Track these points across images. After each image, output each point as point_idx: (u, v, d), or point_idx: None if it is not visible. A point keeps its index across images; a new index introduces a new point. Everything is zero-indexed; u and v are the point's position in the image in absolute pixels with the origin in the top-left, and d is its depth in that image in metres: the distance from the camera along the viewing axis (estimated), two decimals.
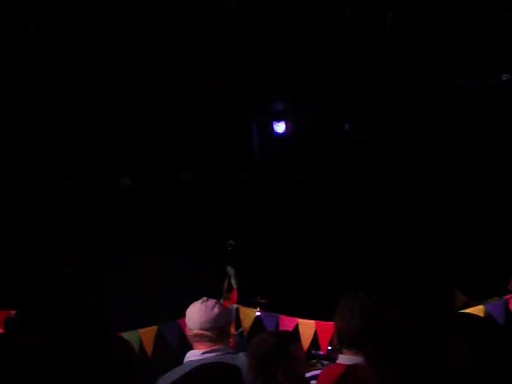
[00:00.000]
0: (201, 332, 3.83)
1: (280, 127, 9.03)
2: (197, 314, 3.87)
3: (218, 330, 3.84)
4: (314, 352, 6.76)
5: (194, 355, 3.85)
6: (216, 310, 3.92)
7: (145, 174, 9.09)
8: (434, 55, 6.72)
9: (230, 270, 6.75)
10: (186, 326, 4.04)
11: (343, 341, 3.66)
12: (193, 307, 3.96)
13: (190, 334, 3.90)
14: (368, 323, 3.50)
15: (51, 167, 8.67)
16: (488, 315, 5.43)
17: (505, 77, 6.67)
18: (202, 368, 2.50)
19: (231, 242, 7.04)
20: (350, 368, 3.56)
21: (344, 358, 3.66)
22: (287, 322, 6.15)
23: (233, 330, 6.30)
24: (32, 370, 1.73)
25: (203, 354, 3.81)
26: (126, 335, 5.58)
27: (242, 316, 6.43)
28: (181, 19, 6.87)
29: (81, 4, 6.58)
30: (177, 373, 3.40)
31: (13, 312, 6.12)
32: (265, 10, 6.83)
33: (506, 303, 5.65)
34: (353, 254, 8.66)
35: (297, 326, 6.08)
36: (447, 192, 8.65)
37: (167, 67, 7.92)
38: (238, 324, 6.38)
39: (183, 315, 4.15)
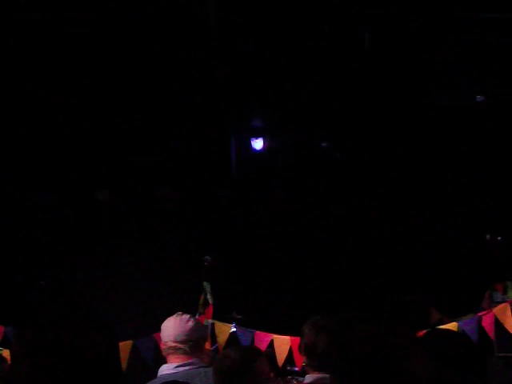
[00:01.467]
0: (175, 344, 3.84)
1: (258, 144, 9.08)
2: (172, 327, 3.89)
3: (192, 344, 3.86)
4: (289, 368, 6.77)
5: (167, 369, 3.85)
6: (190, 323, 3.94)
7: (122, 188, 9.08)
8: (410, 75, 6.81)
9: (206, 285, 6.77)
10: (161, 340, 4.05)
11: (309, 359, 3.67)
12: (168, 321, 3.98)
13: (164, 346, 3.91)
14: (332, 341, 3.52)
15: (29, 180, 8.65)
16: (461, 332, 5.48)
17: (479, 98, 6.79)
18: None
19: (207, 257, 7.06)
20: None
21: (308, 377, 3.67)
22: (262, 338, 6.18)
23: (208, 346, 6.32)
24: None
25: (176, 367, 3.81)
26: None
27: (217, 331, 6.44)
28: (160, 34, 6.90)
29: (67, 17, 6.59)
30: None
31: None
32: (244, 26, 6.89)
33: (480, 320, 5.71)
34: (329, 270, 8.70)
35: (272, 342, 6.10)
36: (423, 209, 8.73)
37: (146, 85, 7.94)
38: (214, 339, 6.39)
39: (158, 330, 4.17)
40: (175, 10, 6.33)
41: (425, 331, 3.11)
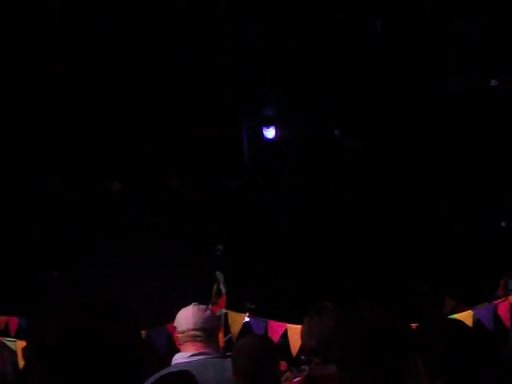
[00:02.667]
0: (193, 332, 3.84)
1: (270, 133, 9.02)
2: (190, 315, 3.89)
3: (208, 332, 3.86)
4: (303, 358, 6.73)
5: (180, 357, 3.83)
6: (208, 312, 4.00)
7: (134, 178, 9.07)
8: (423, 60, 6.73)
9: (219, 275, 6.72)
10: (174, 330, 4.04)
11: (310, 350, 3.66)
12: (185, 309, 3.98)
13: (181, 335, 3.89)
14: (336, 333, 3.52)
15: (41, 170, 8.66)
16: (477, 320, 5.42)
17: (493, 82, 6.69)
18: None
19: (220, 247, 7.02)
20: (307, 379, 3.58)
21: (309, 369, 3.68)
22: (276, 328, 6.13)
23: (221, 336, 6.29)
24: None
25: (190, 356, 3.79)
26: None
27: (230, 321, 6.40)
28: (170, 26, 6.87)
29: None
30: (156, 376, 3.39)
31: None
32: (254, 14, 6.84)
33: (495, 308, 5.64)
34: (343, 258, 8.65)
35: (285, 332, 6.06)
36: (438, 197, 8.65)
37: (157, 73, 7.92)
38: (227, 330, 6.35)
39: (171, 320, 4.15)
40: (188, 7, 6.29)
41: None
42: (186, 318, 3.90)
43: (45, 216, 8.76)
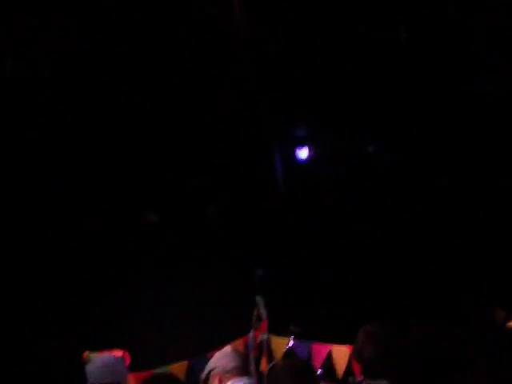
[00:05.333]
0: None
1: (303, 153, 8.93)
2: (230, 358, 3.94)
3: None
4: (351, 380, 6.57)
5: None
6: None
7: (171, 209, 9.04)
8: (452, 64, 6.59)
9: (259, 299, 6.65)
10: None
11: (363, 369, 3.66)
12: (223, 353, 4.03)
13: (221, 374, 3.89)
14: (385, 350, 3.55)
15: (77, 206, 8.68)
16: None
17: None
18: None
19: (259, 271, 6.96)
20: None
21: None
22: (320, 350, 6.01)
23: (265, 362, 6.18)
24: None
25: None
26: (157, 371, 5.52)
27: (273, 346, 6.31)
28: (200, 48, 6.85)
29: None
30: None
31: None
32: (280, 31, 6.79)
33: None
34: (386, 276, 8.47)
35: (330, 353, 5.93)
36: (482, 207, 8.44)
37: (190, 100, 7.90)
38: (269, 355, 6.25)
39: (213, 348, 4.22)
40: (210, 25, 6.27)
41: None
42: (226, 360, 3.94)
43: (82, 253, 8.78)
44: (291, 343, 6.39)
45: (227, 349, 4.11)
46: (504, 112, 7.15)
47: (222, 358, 3.98)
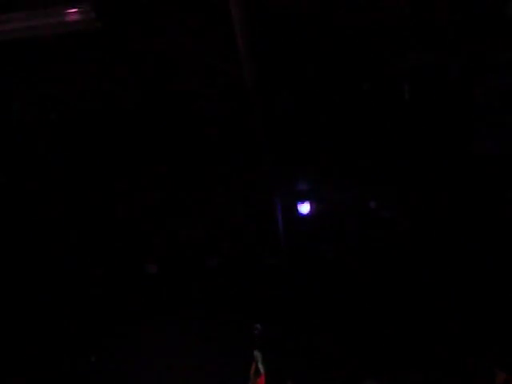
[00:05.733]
0: None
1: (305, 208, 8.93)
2: None
3: None
4: None
5: None
6: None
7: (171, 260, 9.02)
8: (453, 124, 6.66)
9: (257, 354, 6.61)
10: None
11: None
12: None
13: None
14: None
15: (81, 255, 8.68)
16: None
17: None
18: None
19: (258, 326, 6.92)
20: None
21: None
22: None
23: None
24: None
25: None
26: None
27: None
28: (202, 96, 6.90)
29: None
30: None
31: None
32: (286, 87, 6.85)
33: None
34: (384, 329, 8.41)
35: None
36: (479, 266, 8.42)
37: (189, 152, 7.94)
38: None
39: None
40: (212, 69, 6.34)
41: None
42: None
43: (83, 300, 8.74)
44: None
45: None
46: (504, 173, 7.20)
47: None
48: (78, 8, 5.05)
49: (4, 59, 6.03)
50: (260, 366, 6.51)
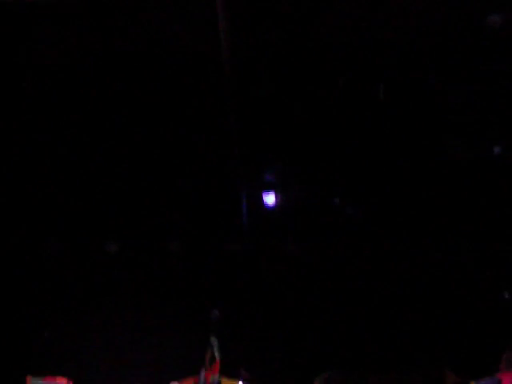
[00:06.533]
0: None
1: (270, 198, 8.96)
2: None
3: None
4: None
5: None
6: None
7: (131, 240, 8.97)
8: (425, 127, 6.73)
9: (214, 340, 6.61)
10: None
11: None
12: None
13: None
14: None
15: (39, 229, 8.59)
16: None
17: (496, 150, 6.66)
18: None
19: (216, 311, 6.92)
20: None
21: None
22: None
23: None
24: None
25: None
26: None
27: None
28: (175, 80, 6.87)
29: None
30: None
31: None
32: (256, 78, 6.85)
33: (499, 382, 5.49)
34: (343, 327, 8.48)
35: None
36: (440, 268, 8.54)
37: (159, 137, 7.90)
38: None
39: None
40: (190, 56, 6.31)
41: None
42: None
43: (40, 275, 8.66)
44: None
45: None
46: (476, 177, 7.29)
47: None
48: None
49: None
50: (216, 353, 6.50)
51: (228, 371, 6.47)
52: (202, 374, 6.36)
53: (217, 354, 6.55)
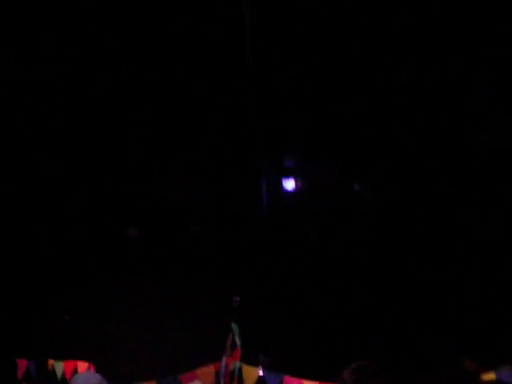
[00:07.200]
0: None
1: (289, 184, 8.94)
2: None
3: None
4: None
5: None
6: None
7: (151, 225, 9.00)
8: (450, 115, 6.67)
9: (235, 326, 6.60)
10: (186, 381, 3.99)
11: None
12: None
13: None
14: None
15: (58, 213, 8.61)
16: (499, 382, 5.27)
17: None
18: None
19: (237, 298, 6.91)
20: None
21: None
22: (291, 383, 5.97)
23: None
24: None
25: None
26: None
27: (245, 375, 6.26)
28: (190, 71, 6.86)
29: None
30: None
31: None
32: (276, 65, 6.82)
33: None
34: (361, 313, 8.47)
35: None
36: (462, 258, 8.48)
37: (177, 119, 7.89)
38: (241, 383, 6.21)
39: (184, 370, 4.12)
40: (210, 44, 6.29)
41: None
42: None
43: (62, 259, 8.70)
44: (261, 373, 6.34)
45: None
46: (504, 167, 7.21)
47: None
48: None
49: None
50: (237, 339, 6.51)
51: (249, 358, 6.47)
52: (224, 360, 6.36)
53: (238, 341, 6.55)
